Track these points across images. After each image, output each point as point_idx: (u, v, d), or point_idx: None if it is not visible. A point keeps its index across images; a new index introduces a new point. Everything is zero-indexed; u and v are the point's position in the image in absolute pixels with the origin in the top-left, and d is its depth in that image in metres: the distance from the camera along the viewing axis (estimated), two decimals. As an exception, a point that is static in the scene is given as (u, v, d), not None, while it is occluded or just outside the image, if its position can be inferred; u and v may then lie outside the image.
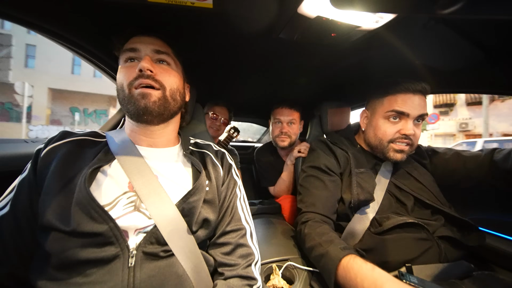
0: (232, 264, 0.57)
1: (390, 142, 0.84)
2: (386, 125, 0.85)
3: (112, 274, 0.45)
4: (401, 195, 0.85)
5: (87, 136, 0.60)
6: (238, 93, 1.54)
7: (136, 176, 0.54)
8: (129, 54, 0.60)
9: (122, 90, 0.59)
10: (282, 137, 1.43)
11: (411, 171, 0.90)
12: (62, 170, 0.51)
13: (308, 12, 0.59)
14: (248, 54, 0.92)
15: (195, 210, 0.56)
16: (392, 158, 0.85)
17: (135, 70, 0.57)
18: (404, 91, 0.82)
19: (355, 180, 0.85)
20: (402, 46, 0.77)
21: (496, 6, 0.42)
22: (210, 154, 0.70)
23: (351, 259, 0.60)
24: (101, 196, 0.49)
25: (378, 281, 0.53)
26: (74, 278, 0.44)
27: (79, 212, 0.46)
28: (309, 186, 0.90)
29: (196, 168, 0.63)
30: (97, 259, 0.45)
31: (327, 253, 0.65)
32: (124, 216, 0.49)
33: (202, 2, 0.57)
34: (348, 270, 0.59)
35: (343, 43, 0.76)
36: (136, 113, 0.57)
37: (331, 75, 1.13)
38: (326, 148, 0.99)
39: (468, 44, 0.72)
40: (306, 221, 0.80)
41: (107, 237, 0.46)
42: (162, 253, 0.50)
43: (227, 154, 0.75)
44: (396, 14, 0.59)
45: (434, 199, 0.83)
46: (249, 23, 0.69)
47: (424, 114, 0.82)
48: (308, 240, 0.74)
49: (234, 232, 0.62)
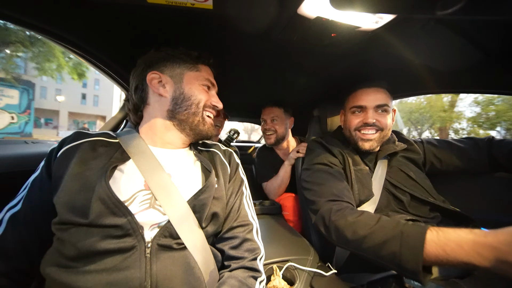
0: (239, 257, 0.60)
1: (356, 130, 0.94)
2: (352, 117, 0.96)
3: (131, 263, 0.48)
4: (397, 192, 0.87)
5: (100, 136, 0.62)
6: (238, 93, 1.54)
7: (151, 176, 0.57)
8: None
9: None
10: (267, 135, 1.53)
11: (404, 168, 0.92)
12: (80, 169, 0.53)
13: (308, 12, 0.60)
14: (248, 55, 0.93)
15: (206, 206, 0.59)
16: (361, 147, 0.93)
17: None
18: (360, 87, 0.94)
19: (354, 177, 0.87)
20: (402, 47, 0.77)
21: (495, 7, 0.42)
22: (218, 153, 0.74)
23: (438, 231, 0.53)
24: (119, 193, 0.52)
25: (491, 239, 0.46)
26: (92, 266, 0.47)
27: (100, 206, 0.49)
28: (319, 180, 0.89)
29: (206, 167, 0.66)
30: (116, 249, 0.48)
31: (400, 233, 0.57)
32: (140, 212, 0.53)
33: (202, 3, 0.57)
34: (443, 243, 0.51)
35: (343, 43, 0.76)
36: (205, 137, 0.72)
37: (330, 75, 1.13)
38: (322, 147, 1.01)
39: (468, 44, 0.72)
40: (339, 210, 0.73)
41: (125, 229, 0.49)
42: (175, 245, 0.53)
43: (234, 154, 0.78)
44: (395, 15, 0.59)
45: (427, 195, 0.86)
46: (249, 24, 0.69)
47: (382, 104, 0.90)
48: (359, 228, 0.65)
49: (241, 227, 0.64)
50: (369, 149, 0.91)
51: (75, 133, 0.61)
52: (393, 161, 0.94)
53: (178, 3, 0.57)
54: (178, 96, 0.65)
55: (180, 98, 0.65)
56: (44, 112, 22.13)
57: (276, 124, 1.50)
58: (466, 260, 0.47)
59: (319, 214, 0.79)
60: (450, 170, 0.97)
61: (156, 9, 0.62)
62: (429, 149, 0.99)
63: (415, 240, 0.54)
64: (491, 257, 0.45)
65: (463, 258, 0.47)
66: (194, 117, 0.67)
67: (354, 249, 0.67)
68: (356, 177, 0.88)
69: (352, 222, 0.68)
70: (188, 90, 0.66)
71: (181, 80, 0.66)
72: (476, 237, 0.48)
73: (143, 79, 0.67)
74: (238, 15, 0.65)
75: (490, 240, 0.46)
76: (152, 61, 0.67)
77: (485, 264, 0.45)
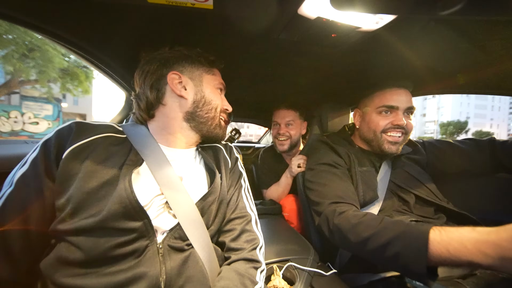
0: (238, 248, 0.61)
1: (383, 133, 0.89)
2: (378, 118, 0.90)
3: (146, 263, 0.49)
4: (402, 193, 0.87)
5: (108, 132, 0.58)
6: (239, 94, 1.54)
7: (165, 180, 0.57)
8: None
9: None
10: (280, 140, 1.39)
11: (409, 169, 0.92)
12: (96, 170, 0.50)
13: (308, 13, 0.60)
14: (248, 55, 0.92)
15: (212, 208, 0.61)
16: (387, 151, 0.88)
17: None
18: (389, 86, 0.89)
19: (360, 178, 0.87)
20: (403, 47, 0.77)
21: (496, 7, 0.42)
22: (222, 148, 0.76)
23: (440, 230, 0.52)
24: (140, 197, 0.51)
25: (494, 237, 0.45)
26: (105, 269, 0.46)
27: (118, 208, 0.48)
28: (323, 180, 0.88)
29: (210, 167, 0.67)
30: (129, 251, 0.48)
31: (403, 234, 0.56)
32: (157, 217, 0.54)
33: (203, 3, 0.57)
34: (446, 242, 0.50)
35: (344, 44, 0.76)
36: (220, 140, 0.74)
37: (331, 75, 1.13)
38: (328, 147, 1.00)
39: (468, 44, 0.72)
40: (342, 212, 0.73)
41: (140, 232, 0.50)
42: (185, 246, 0.55)
43: (234, 148, 0.80)
44: (396, 15, 0.59)
45: (433, 196, 0.86)
46: (249, 24, 0.69)
47: (411, 107, 0.87)
48: (362, 231, 0.65)
49: (239, 219, 0.65)
50: (395, 152, 0.88)
51: (76, 124, 0.55)
52: (397, 162, 0.93)
53: (179, 3, 0.57)
54: (199, 99, 0.66)
55: (202, 102, 0.66)
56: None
57: (291, 129, 1.38)
58: (470, 259, 0.47)
59: (322, 216, 0.78)
60: (452, 171, 0.96)
61: (157, 9, 0.62)
62: (430, 150, 0.99)
63: (418, 240, 0.53)
64: (494, 254, 0.44)
65: (467, 257, 0.47)
66: (212, 121, 0.68)
67: (358, 251, 0.67)
68: (361, 178, 0.88)
69: (354, 225, 0.67)
70: (208, 94, 0.67)
71: (201, 83, 0.67)
72: (478, 235, 0.47)
73: (160, 78, 0.64)
74: (238, 15, 0.65)
75: (493, 238, 0.45)
76: (168, 60, 0.65)
77: (488, 262, 0.45)
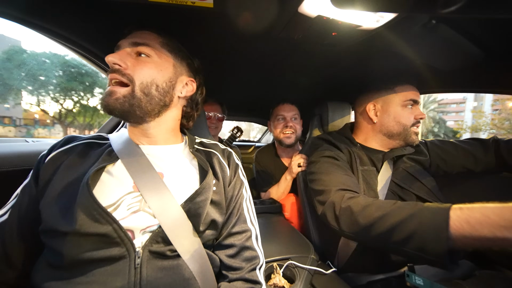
0: (237, 268, 0.56)
1: (411, 127, 0.91)
2: (405, 111, 0.91)
3: (118, 274, 0.45)
4: (403, 193, 0.87)
5: (92, 139, 0.60)
6: (239, 92, 1.54)
7: (140, 176, 0.53)
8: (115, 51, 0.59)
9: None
10: (287, 133, 1.39)
11: (410, 169, 0.91)
12: (67, 173, 0.51)
13: (309, 11, 0.60)
14: (248, 53, 0.92)
15: (202, 210, 0.54)
16: (413, 141, 0.92)
17: None
18: (410, 82, 0.93)
19: (361, 176, 0.86)
20: (403, 46, 0.77)
21: (496, 6, 0.42)
22: (217, 154, 0.68)
23: (461, 206, 0.48)
24: (105, 197, 0.48)
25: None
26: (80, 278, 0.44)
27: (81, 213, 0.45)
28: (328, 170, 0.85)
29: (203, 167, 0.61)
30: (103, 258, 0.45)
31: (420, 211, 0.52)
32: (128, 217, 0.49)
33: (203, 2, 0.57)
34: (467, 214, 0.46)
35: (344, 42, 0.76)
36: (104, 111, 0.55)
37: (331, 74, 1.13)
38: (330, 144, 1.00)
39: (469, 43, 0.72)
40: (352, 197, 0.70)
41: (111, 238, 0.46)
42: (168, 252, 0.49)
43: (234, 154, 0.73)
44: (397, 14, 0.59)
45: (433, 197, 0.85)
46: (250, 23, 0.69)
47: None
48: (374, 211, 0.61)
49: (239, 234, 0.60)
50: (416, 142, 0.92)
51: (66, 137, 0.59)
52: (399, 162, 0.93)
53: (179, 1, 0.57)
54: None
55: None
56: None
57: (296, 123, 1.41)
58: (492, 232, 0.42)
59: (328, 203, 0.75)
60: (456, 171, 0.96)
61: (157, 8, 0.62)
62: (434, 151, 0.98)
63: (437, 216, 0.47)
64: None
65: (489, 230, 0.42)
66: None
67: (365, 237, 0.62)
68: (362, 177, 0.87)
69: (365, 206, 0.63)
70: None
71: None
72: (501, 205, 0.44)
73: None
74: (238, 14, 0.65)
75: None
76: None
77: None
